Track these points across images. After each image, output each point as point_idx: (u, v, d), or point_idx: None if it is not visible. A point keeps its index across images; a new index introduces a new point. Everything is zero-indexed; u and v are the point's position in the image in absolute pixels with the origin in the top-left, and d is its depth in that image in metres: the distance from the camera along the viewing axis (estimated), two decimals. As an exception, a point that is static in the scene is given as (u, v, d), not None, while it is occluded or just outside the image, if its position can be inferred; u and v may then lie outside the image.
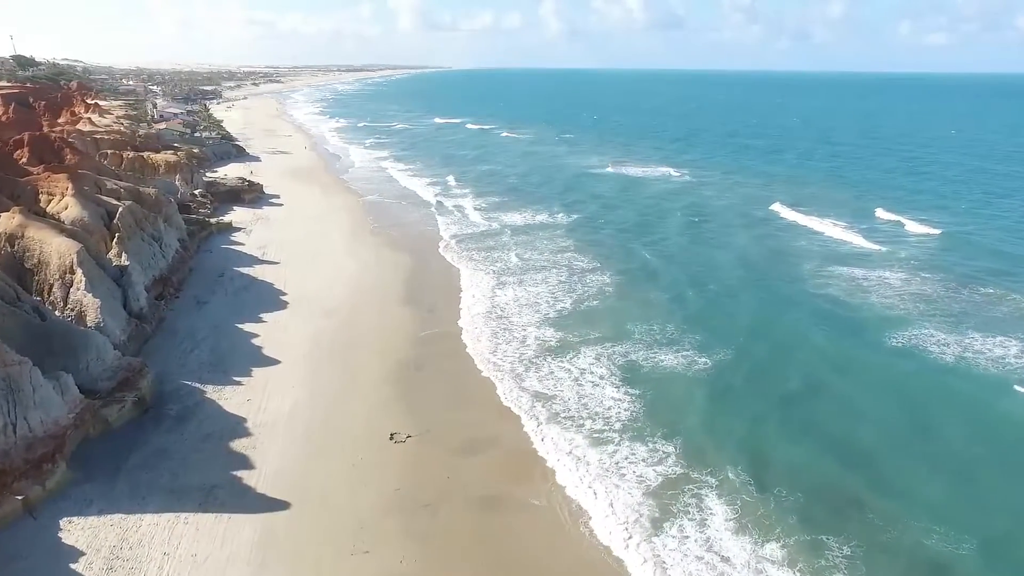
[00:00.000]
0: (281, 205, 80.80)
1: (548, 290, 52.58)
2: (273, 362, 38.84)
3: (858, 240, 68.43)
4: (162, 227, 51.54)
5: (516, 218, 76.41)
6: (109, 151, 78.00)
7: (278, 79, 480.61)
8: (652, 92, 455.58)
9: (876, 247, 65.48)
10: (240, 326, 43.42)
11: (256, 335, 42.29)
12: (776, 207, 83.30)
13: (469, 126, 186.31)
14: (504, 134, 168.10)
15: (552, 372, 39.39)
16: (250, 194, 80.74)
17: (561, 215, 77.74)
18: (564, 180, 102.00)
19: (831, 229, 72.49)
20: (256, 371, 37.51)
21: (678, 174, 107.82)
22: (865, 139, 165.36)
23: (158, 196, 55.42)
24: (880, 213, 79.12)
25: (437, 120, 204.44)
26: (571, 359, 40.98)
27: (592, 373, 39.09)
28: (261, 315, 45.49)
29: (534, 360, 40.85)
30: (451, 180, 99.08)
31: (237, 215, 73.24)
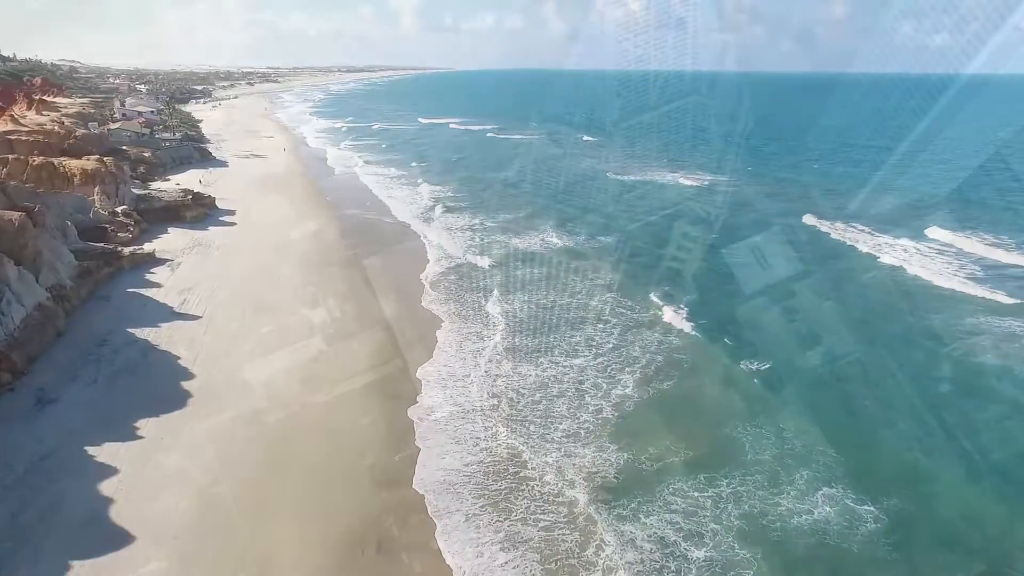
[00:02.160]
0: (234, 224, 63.61)
1: (595, 363, 35.18)
2: (116, 543, 21.48)
3: (954, 275, 50.35)
4: (12, 273, 34.35)
5: (526, 242, 58.98)
6: (11, 156, 60.99)
7: (275, 79, 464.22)
8: (654, 92, 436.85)
9: (1001, 294, 46.18)
10: (92, 451, 26.11)
11: (113, 471, 24.99)
12: (810, 219, 66.63)
13: (467, 127, 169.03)
14: (504, 136, 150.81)
15: (624, 549, 22.18)
16: (194, 211, 63.40)
17: (580, 237, 60.08)
18: (570, 189, 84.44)
19: (916, 261, 53.93)
20: (76, 570, 20.23)
21: (702, 181, 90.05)
22: (891, 141, 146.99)
23: (23, 223, 38.22)
24: (957, 238, 60.08)
25: (432, 121, 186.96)
26: (647, 514, 23.87)
27: (690, 557, 21.84)
28: (137, 424, 28.15)
29: (590, 516, 23.72)
30: (448, 191, 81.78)
31: (168, 240, 55.93)
